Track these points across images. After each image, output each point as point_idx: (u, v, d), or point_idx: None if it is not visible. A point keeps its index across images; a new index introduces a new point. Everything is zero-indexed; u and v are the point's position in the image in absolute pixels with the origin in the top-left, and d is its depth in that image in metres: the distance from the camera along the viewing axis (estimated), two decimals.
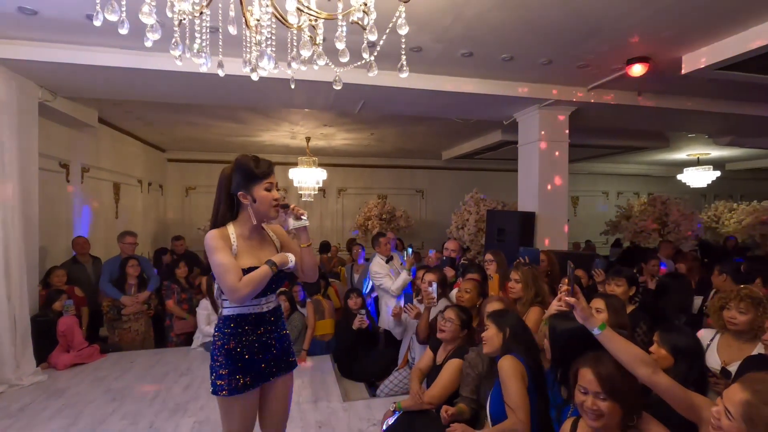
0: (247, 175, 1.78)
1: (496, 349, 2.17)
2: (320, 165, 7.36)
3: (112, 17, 1.24)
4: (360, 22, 1.71)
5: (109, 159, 6.36)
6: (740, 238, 8.11)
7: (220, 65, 1.50)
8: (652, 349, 1.95)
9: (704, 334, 2.59)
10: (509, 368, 1.99)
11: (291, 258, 1.86)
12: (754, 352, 2.20)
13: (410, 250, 4.48)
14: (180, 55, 1.52)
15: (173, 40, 1.37)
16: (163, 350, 4.42)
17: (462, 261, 4.80)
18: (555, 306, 2.32)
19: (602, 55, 3.81)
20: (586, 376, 1.55)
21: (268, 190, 1.81)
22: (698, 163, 9.12)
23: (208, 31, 1.58)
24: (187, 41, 1.47)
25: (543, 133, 5.02)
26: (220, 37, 1.57)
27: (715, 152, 8.67)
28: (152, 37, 1.31)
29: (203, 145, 8.28)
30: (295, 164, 7.28)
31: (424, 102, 4.78)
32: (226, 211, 1.83)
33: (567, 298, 1.73)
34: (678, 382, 1.58)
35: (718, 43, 3.51)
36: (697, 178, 8.80)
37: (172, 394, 3.35)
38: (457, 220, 6.97)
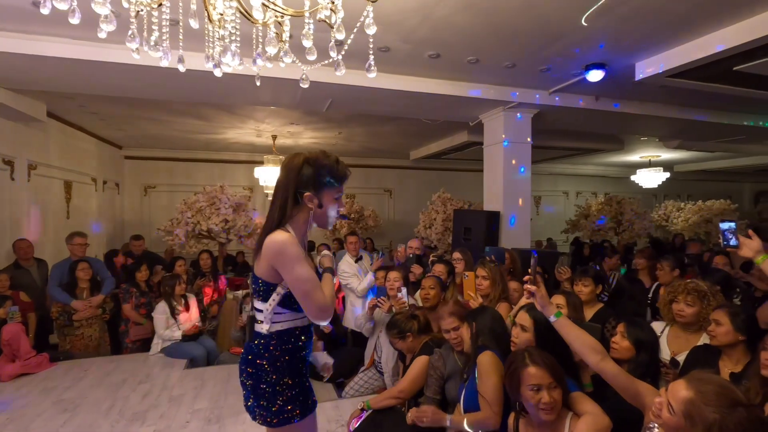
0: (323, 176, 1.54)
1: (469, 344, 2.24)
2: None
3: (62, 5, 1.17)
4: (327, 21, 1.69)
5: (60, 155, 5.99)
6: (687, 236, 8.65)
7: (181, 60, 1.44)
8: (616, 339, 2.02)
9: (655, 326, 2.74)
10: (488, 364, 2.04)
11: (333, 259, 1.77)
12: (700, 343, 2.35)
13: (381, 254, 4.48)
14: (137, 48, 1.45)
15: (130, 32, 1.30)
16: (120, 357, 4.21)
17: (432, 258, 4.86)
18: (524, 302, 2.42)
19: (562, 60, 3.95)
20: (534, 373, 1.59)
21: (338, 199, 1.60)
22: (650, 164, 9.65)
23: (167, 23, 1.52)
24: (145, 34, 1.40)
25: (507, 134, 5.16)
26: (181, 30, 1.51)
27: (665, 155, 9.21)
28: (106, 28, 1.24)
29: (163, 142, 7.95)
30: (261, 163, 7.12)
31: (391, 102, 4.80)
32: (293, 209, 1.53)
33: (528, 287, 1.81)
34: (639, 373, 1.68)
35: (668, 52, 3.73)
36: (649, 179, 9.32)
37: (129, 403, 3.19)
38: (424, 219, 7.05)
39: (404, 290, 3.24)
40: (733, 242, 1.91)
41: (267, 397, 1.54)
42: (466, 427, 1.99)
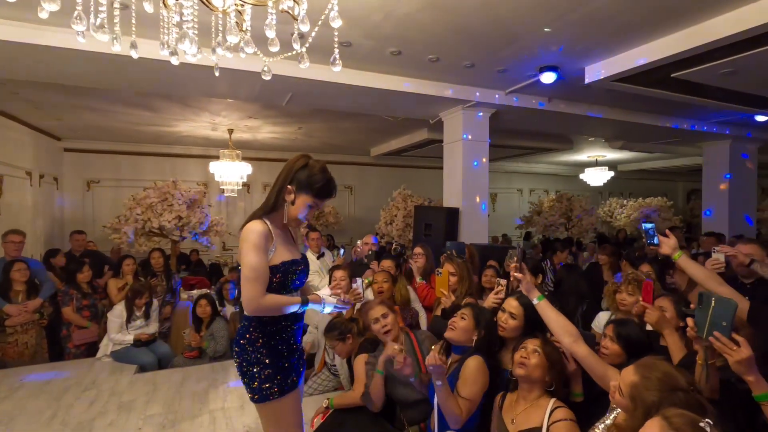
0: (309, 183, 1.72)
1: (464, 341, 2.17)
2: (244, 159, 7.01)
3: None
4: (290, 12, 1.66)
5: None
6: (628, 231, 9.26)
7: (134, 46, 1.35)
8: (605, 343, 1.93)
9: (602, 317, 2.93)
10: (476, 369, 2.01)
11: (327, 303, 1.80)
12: None
13: (341, 251, 4.45)
14: (83, 32, 1.34)
15: (76, 13, 1.21)
16: (62, 363, 3.92)
17: (395, 246, 4.88)
18: (492, 299, 2.47)
19: (518, 61, 4.09)
20: (531, 340, 1.81)
21: (311, 207, 1.76)
22: (596, 164, 10.24)
23: (118, 7, 1.42)
24: (92, 17, 1.30)
25: (466, 132, 5.28)
26: (133, 14, 1.41)
27: (610, 155, 9.80)
28: (49, 7, 1.14)
29: (108, 134, 7.46)
30: (216, 158, 6.86)
31: (352, 97, 4.77)
32: (277, 201, 1.74)
33: (516, 274, 1.95)
34: None
35: (614, 58, 3.96)
36: (595, 177, 9.89)
37: (74, 411, 2.98)
38: (385, 215, 7.09)
39: (359, 280, 3.20)
40: (655, 241, 2.07)
41: (248, 375, 1.68)
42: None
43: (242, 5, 1.70)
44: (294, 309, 1.70)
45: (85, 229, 6.10)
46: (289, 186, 1.71)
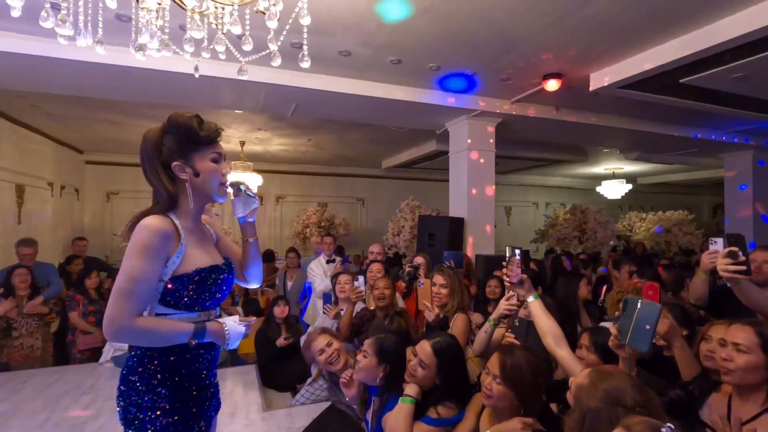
0: (187, 140, 1.28)
1: (370, 380, 2.02)
2: (257, 171, 7.14)
3: None
4: (265, 12, 1.68)
5: (10, 158, 5.72)
6: (648, 245, 8.93)
7: (100, 42, 1.39)
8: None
9: (606, 326, 2.79)
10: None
11: (232, 335, 1.32)
12: None
13: (347, 258, 4.51)
14: (53, 29, 1.39)
15: (43, 11, 1.25)
16: (65, 368, 3.97)
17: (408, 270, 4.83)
18: (504, 305, 2.25)
19: (521, 69, 4.04)
20: (493, 361, 1.66)
21: (216, 161, 1.33)
22: (614, 176, 9.97)
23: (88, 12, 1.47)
24: (62, 17, 1.35)
25: (471, 142, 5.23)
26: (101, 12, 1.45)
27: (628, 167, 9.53)
28: (14, 3, 1.18)
29: (126, 146, 7.72)
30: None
31: (356, 107, 4.80)
32: (173, 189, 1.29)
33: (511, 278, 1.94)
34: None
35: (619, 63, 3.87)
36: (613, 190, 9.61)
37: (68, 414, 3.01)
38: (393, 227, 7.05)
39: (361, 279, 3.15)
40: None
41: (136, 426, 1.23)
42: None
43: (223, 8, 1.74)
44: (182, 340, 1.24)
45: (103, 239, 6.28)
46: (175, 164, 1.28)
